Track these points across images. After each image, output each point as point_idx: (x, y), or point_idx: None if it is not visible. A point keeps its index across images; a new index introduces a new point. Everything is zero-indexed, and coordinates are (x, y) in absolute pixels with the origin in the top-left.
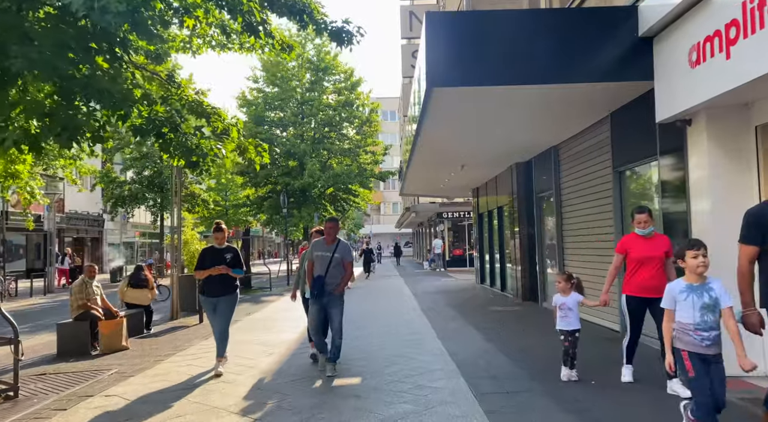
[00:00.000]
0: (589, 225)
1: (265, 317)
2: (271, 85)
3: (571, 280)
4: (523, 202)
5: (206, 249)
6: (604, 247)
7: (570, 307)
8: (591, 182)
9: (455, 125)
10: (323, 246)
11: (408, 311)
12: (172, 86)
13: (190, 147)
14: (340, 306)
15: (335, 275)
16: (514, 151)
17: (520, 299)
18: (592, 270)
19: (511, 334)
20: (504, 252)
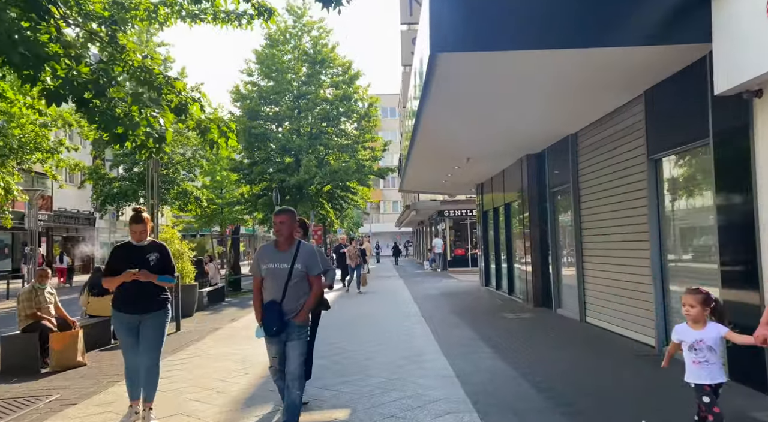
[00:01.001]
0: (615, 223)
1: (249, 324)
2: (266, 79)
3: (710, 303)
4: (534, 198)
5: (119, 248)
6: (633, 248)
7: (711, 346)
8: (617, 174)
9: (460, 109)
10: (274, 253)
11: (407, 318)
12: (115, 48)
13: (115, 115)
14: (302, 339)
15: (298, 296)
16: (526, 141)
17: (531, 304)
18: (619, 274)
19: (530, 350)
20: (512, 253)
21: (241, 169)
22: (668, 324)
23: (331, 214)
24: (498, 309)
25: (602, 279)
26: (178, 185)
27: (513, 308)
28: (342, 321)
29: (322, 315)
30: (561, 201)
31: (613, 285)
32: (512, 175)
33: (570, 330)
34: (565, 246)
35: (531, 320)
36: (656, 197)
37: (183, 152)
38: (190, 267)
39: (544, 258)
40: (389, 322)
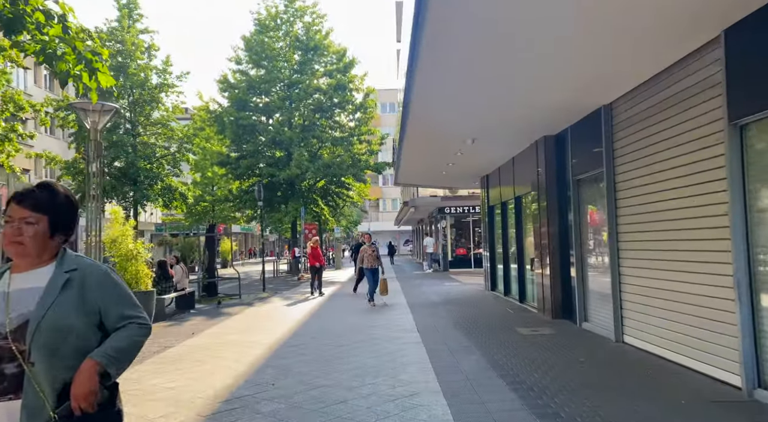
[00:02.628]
0: (672, 217)
1: (209, 342)
2: (255, 67)
3: None
4: (552, 189)
5: None
6: (704, 249)
7: None
8: (677, 150)
9: (462, 69)
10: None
11: (400, 335)
12: None
13: None
14: None
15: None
16: (544, 118)
17: (548, 315)
18: (678, 284)
19: (564, 389)
20: (523, 254)
21: (228, 163)
22: (762, 356)
23: (326, 212)
24: (510, 322)
25: (650, 289)
26: (162, 181)
27: (527, 320)
28: (320, 338)
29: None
30: (589, 190)
31: (668, 298)
32: (524, 162)
33: (607, 356)
34: (594, 247)
35: (553, 339)
36: (741, 178)
37: (167, 145)
38: (146, 271)
39: (565, 260)
40: (378, 341)
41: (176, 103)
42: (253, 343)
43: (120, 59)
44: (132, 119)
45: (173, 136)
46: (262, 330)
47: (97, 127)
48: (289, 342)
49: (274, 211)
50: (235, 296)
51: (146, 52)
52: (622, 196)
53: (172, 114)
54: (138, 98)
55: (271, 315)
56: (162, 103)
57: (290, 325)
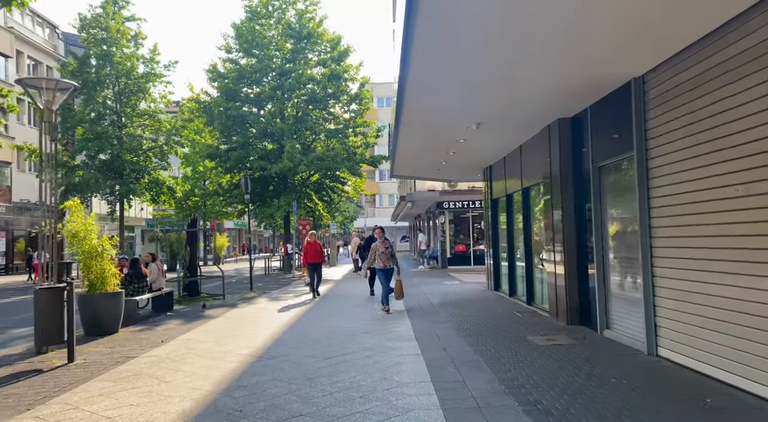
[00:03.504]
0: (723, 208)
1: (177, 353)
2: (246, 56)
3: None
4: (567, 178)
5: None
6: (764, 246)
7: None
8: (729, 127)
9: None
10: None
11: (396, 345)
12: None
13: None
14: None
15: None
16: (559, 97)
17: (563, 321)
18: (735, 289)
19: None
20: (531, 251)
21: (217, 155)
22: None
23: (320, 207)
24: (520, 329)
25: (692, 293)
26: (149, 174)
27: (540, 327)
28: (305, 347)
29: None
30: (613, 179)
31: (716, 305)
32: (534, 149)
33: (643, 374)
34: (620, 243)
35: (573, 350)
36: None
37: (155, 138)
38: (112, 270)
39: (582, 259)
40: (371, 352)
41: (164, 94)
42: (227, 354)
43: (105, 47)
44: (118, 110)
45: (161, 128)
46: (241, 337)
47: (51, 106)
48: (269, 353)
49: (265, 205)
50: (218, 296)
51: (133, 40)
52: (657, 185)
53: (159, 104)
54: (124, 88)
55: (254, 318)
56: (149, 94)
57: (273, 331)
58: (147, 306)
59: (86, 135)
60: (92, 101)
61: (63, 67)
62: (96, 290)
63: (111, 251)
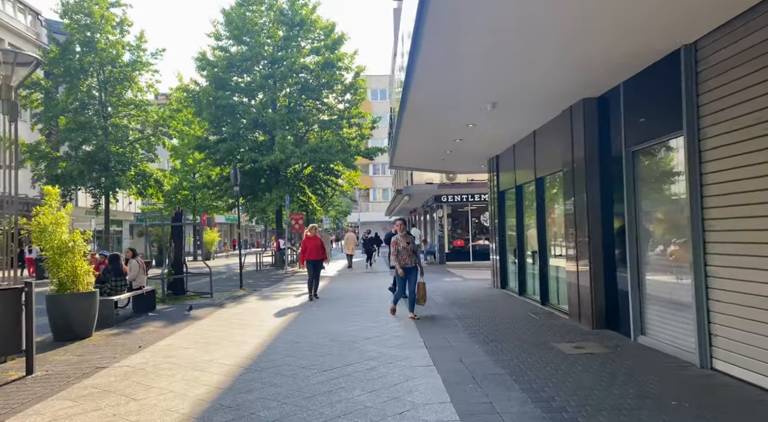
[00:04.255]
0: None
1: (153, 362)
2: (236, 44)
3: None
4: (593, 165)
5: None
6: None
7: None
8: None
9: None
10: None
11: (403, 353)
12: None
13: None
14: None
15: None
16: (586, 73)
17: (586, 324)
18: None
19: None
20: (546, 246)
21: (206, 147)
22: None
23: (314, 201)
24: (541, 333)
25: (757, 296)
26: (136, 166)
27: (562, 331)
28: (299, 356)
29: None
30: (651, 164)
31: None
32: (551, 135)
33: (704, 393)
34: (659, 238)
35: (610, 361)
36: None
37: (141, 129)
38: (85, 267)
39: (609, 255)
40: (376, 363)
41: (151, 83)
42: (211, 364)
43: (88, 34)
44: (102, 99)
45: (148, 118)
46: (228, 342)
47: (10, 82)
48: (259, 363)
49: (257, 199)
50: (206, 294)
51: (118, 26)
52: (712, 170)
53: (146, 94)
54: (109, 76)
55: (243, 320)
56: (135, 83)
57: (264, 336)
58: (127, 306)
59: (69, 125)
60: (75, 90)
61: (44, 54)
62: (66, 290)
63: (83, 246)
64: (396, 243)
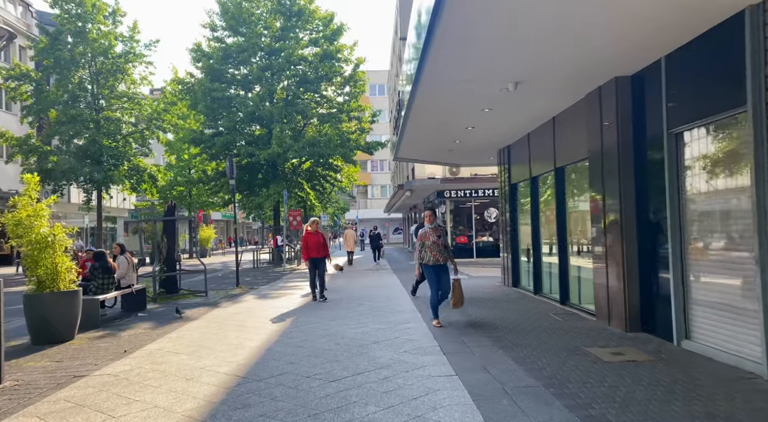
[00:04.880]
0: None
1: (138, 370)
2: (232, 34)
3: None
4: (626, 151)
5: None
6: None
7: None
8: None
9: None
10: None
11: (419, 359)
12: None
13: None
14: None
15: None
16: (629, 41)
17: (618, 326)
18: None
19: None
20: (566, 242)
21: (202, 141)
22: None
23: (312, 196)
24: (569, 337)
25: None
26: (129, 161)
27: (592, 334)
28: (302, 363)
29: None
30: (702, 146)
31: None
32: (573, 120)
33: None
34: (708, 231)
35: (660, 371)
36: None
37: (135, 122)
38: (67, 264)
39: (645, 251)
40: (390, 370)
41: (144, 75)
42: (203, 372)
43: (79, 24)
44: (94, 92)
45: (141, 111)
46: (223, 346)
47: None
48: (257, 372)
49: (254, 195)
50: (200, 293)
51: (110, 17)
52: None
53: (139, 86)
54: (101, 68)
55: (240, 321)
56: (129, 75)
57: (262, 339)
58: (115, 305)
59: (60, 118)
60: (66, 81)
61: (34, 45)
62: (46, 289)
63: (65, 241)
64: (424, 236)
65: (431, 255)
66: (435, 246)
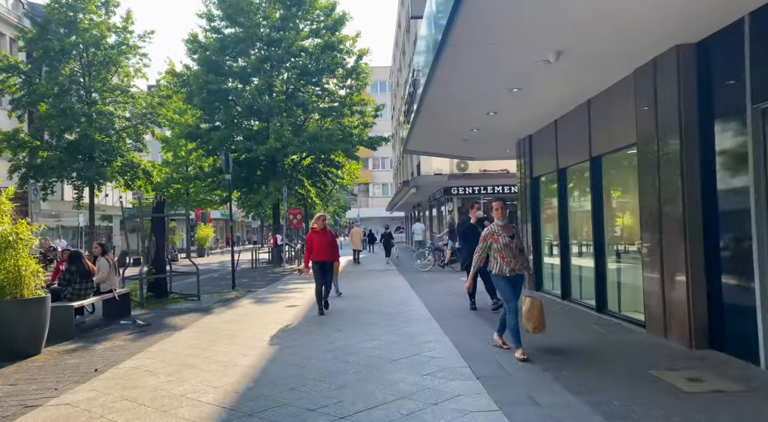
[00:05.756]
0: None
1: (105, 399)
2: (230, 25)
3: None
4: (691, 134)
5: None
6: None
7: None
8: None
9: None
10: None
11: (448, 389)
12: None
13: None
14: None
15: None
16: (688, 7)
17: (681, 343)
18: None
19: None
20: (603, 241)
21: (198, 136)
22: None
23: (312, 194)
24: (626, 355)
25: None
26: (122, 156)
27: (649, 350)
28: (304, 390)
29: None
30: None
31: None
32: (615, 101)
33: None
34: None
35: (762, 403)
36: None
37: (129, 117)
38: (32, 267)
39: (714, 253)
40: (411, 405)
41: (138, 67)
42: (181, 401)
43: (70, 14)
44: (86, 84)
45: (135, 105)
46: (210, 365)
47: None
48: (248, 402)
49: (252, 192)
50: (192, 297)
51: (103, 6)
52: None
53: (133, 78)
54: (92, 60)
55: (233, 331)
56: (122, 67)
57: (257, 355)
58: (93, 313)
59: (50, 111)
60: (56, 73)
61: (22, 35)
62: (6, 296)
63: (30, 240)
64: (491, 236)
65: (504, 263)
66: (508, 251)
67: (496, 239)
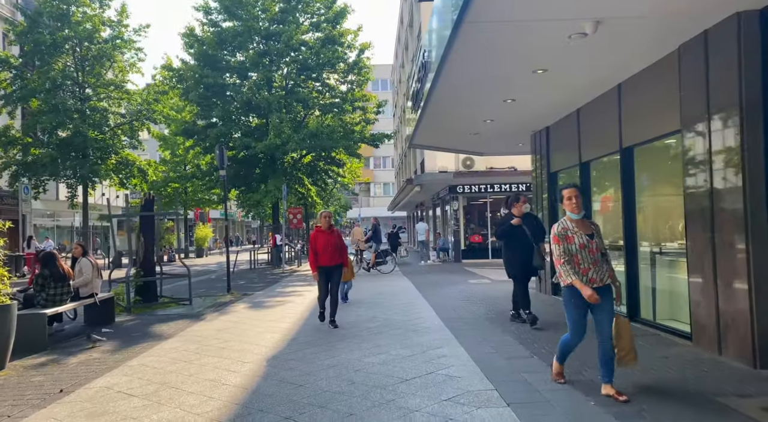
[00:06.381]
0: None
1: None
2: (228, 18)
3: None
4: (753, 115)
5: None
6: None
7: None
8: None
9: None
10: None
11: (470, 418)
12: None
13: None
14: None
15: None
16: None
17: (742, 360)
18: None
19: None
20: (635, 243)
21: (194, 132)
22: None
23: (313, 192)
24: (676, 375)
25: None
26: (117, 154)
27: (702, 368)
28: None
29: None
30: None
31: None
32: (654, 83)
33: None
34: None
35: None
36: None
37: (123, 113)
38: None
39: None
40: None
41: (133, 61)
42: None
43: (63, 6)
44: (79, 79)
45: (130, 101)
46: (193, 386)
47: None
48: None
49: (251, 190)
50: (183, 301)
51: (97, 0)
52: None
53: (128, 73)
54: (86, 54)
55: (224, 341)
56: (117, 62)
57: (248, 373)
58: (76, 319)
59: (42, 107)
60: (48, 68)
61: (12, 28)
62: None
63: None
64: (562, 237)
65: (580, 271)
66: (587, 254)
67: (571, 239)
